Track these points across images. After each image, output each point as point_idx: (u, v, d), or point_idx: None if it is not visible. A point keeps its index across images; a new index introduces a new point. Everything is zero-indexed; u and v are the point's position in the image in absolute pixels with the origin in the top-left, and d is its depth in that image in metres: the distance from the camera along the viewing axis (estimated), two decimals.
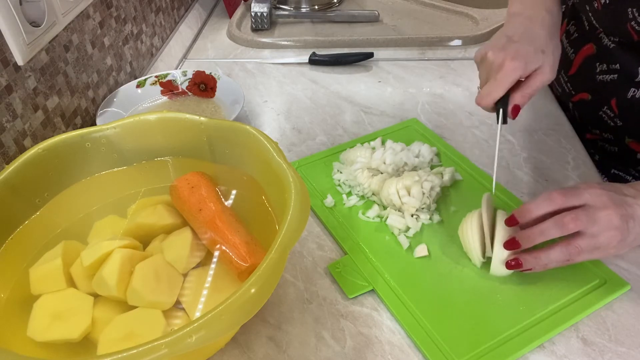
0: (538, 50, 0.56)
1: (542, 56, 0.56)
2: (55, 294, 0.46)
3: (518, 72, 0.55)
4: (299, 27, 1.09)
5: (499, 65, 0.56)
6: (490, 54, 0.57)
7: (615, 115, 0.70)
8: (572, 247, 0.48)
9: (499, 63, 0.56)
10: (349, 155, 0.68)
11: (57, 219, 0.53)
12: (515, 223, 0.51)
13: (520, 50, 0.56)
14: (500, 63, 0.55)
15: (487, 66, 0.58)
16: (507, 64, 0.55)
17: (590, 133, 0.77)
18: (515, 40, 0.57)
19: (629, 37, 0.62)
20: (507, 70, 0.55)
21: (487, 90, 0.57)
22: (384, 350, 0.48)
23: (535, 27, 0.59)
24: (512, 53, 0.55)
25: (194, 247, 0.50)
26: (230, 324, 0.37)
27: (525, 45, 0.56)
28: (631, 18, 0.60)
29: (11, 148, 0.59)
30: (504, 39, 0.58)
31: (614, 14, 0.63)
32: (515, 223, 0.51)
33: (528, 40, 0.57)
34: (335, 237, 0.59)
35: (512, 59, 0.55)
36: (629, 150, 0.73)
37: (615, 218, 0.47)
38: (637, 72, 0.65)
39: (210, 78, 0.83)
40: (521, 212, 0.51)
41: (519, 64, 0.55)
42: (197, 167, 0.57)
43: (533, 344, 0.47)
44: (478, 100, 0.58)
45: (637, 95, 0.66)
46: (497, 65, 0.56)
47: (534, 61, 0.56)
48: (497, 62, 0.56)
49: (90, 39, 0.74)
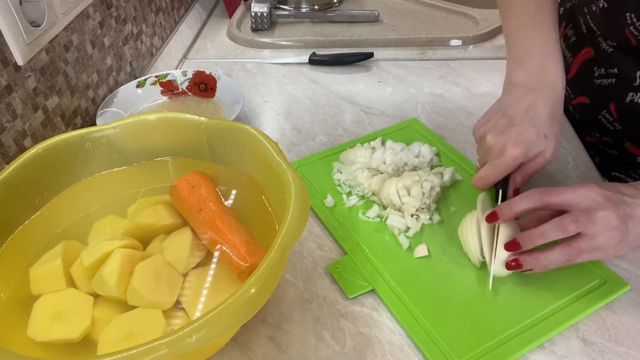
0: (540, 135, 0.55)
1: (544, 141, 0.55)
2: (55, 294, 0.46)
3: (519, 160, 0.54)
4: (299, 27, 1.09)
5: (500, 151, 0.54)
6: (490, 138, 0.56)
7: (614, 119, 0.70)
8: (572, 248, 0.48)
9: (499, 149, 0.54)
10: (349, 155, 0.68)
11: (57, 219, 0.53)
12: (496, 219, 0.51)
13: (522, 136, 0.54)
14: (500, 149, 0.54)
15: (486, 148, 0.57)
16: (508, 152, 0.53)
17: (590, 135, 0.77)
18: (516, 123, 0.55)
19: (628, 42, 0.62)
20: (508, 159, 0.54)
21: (485, 174, 0.56)
22: (384, 350, 0.48)
23: (538, 105, 0.56)
24: (514, 139, 0.54)
25: (194, 247, 0.50)
26: (230, 324, 0.37)
27: (527, 129, 0.54)
28: (629, 23, 0.60)
29: (11, 148, 0.59)
30: (505, 120, 0.56)
31: (613, 19, 0.63)
32: (496, 219, 0.51)
33: (530, 123, 0.55)
34: (335, 237, 0.59)
35: (513, 146, 0.53)
36: (628, 153, 0.72)
37: (614, 218, 0.47)
38: (635, 76, 0.65)
39: (210, 78, 0.83)
40: (501, 209, 0.51)
41: (520, 152, 0.54)
42: (197, 167, 0.57)
43: (533, 344, 0.47)
44: (475, 182, 0.58)
45: (635, 100, 0.66)
46: (497, 152, 0.54)
47: (535, 147, 0.54)
48: (497, 147, 0.55)
49: (90, 39, 0.74)
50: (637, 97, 0.66)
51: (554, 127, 0.56)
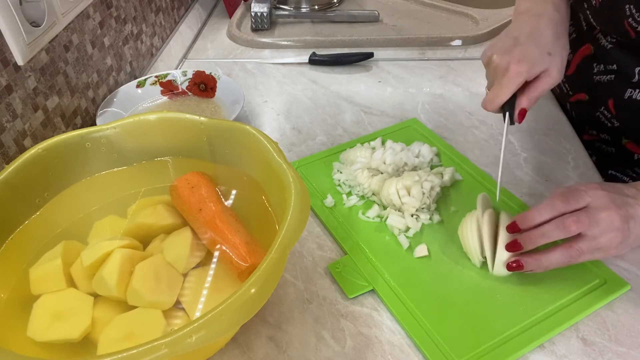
0: (544, 53, 0.55)
1: (549, 58, 0.55)
2: (55, 294, 0.46)
3: (523, 77, 0.54)
4: (299, 27, 1.09)
5: (504, 70, 0.55)
6: (496, 57, 0.56)
7: (613, 115, 0.70)
8: (574, 249, 0.48)
9: (504, 67, 0.55)
10: (349, 155, 0.68)
11: (57, 219, 0.53)
12: (517, 230, 0.51)
13: (526, 53, 0.55)
14: (506, 67, 0.55)
15: (492, 69, 0.57)
16: (512, 68, 0.54)
17: (588, 134, 0.77)
18: (521, 42, 0.56)
19: (626, 34, 0.62)
20: (511, 75, 0.54)
21: (492, 95, 0.56)
22: (384, 350, 0.48)
23: (542, 26, 0.58)
24: (518, 56, 0.54)
25: (194, 247, 0.50)
26: (230, 324, 0.37)
27: (530, 48, 0.55)
28: (628, 15, 0.60)
29: (11, 148, 0.59)
30: (510, 40, 0.57)
31: (611, 11, 0.63)
32: (517, 230, 0.51)
33: (534, 42, 0.56)
34: (335, 237, 0.59)
35: (517, 63, 0.54)
36: (625, 151, 0.72)
37: (616, 219, 0.47)
38: (633, 72, 0.65)
39: (210, 78, 0.83)
40: (523, 220, 0.50)
41: (523, 68, 0.54)
42: (197, 167, 0.57)
43: (533, 344, 0.47)
44: (484, 104, 0.58)
45: (634, 96, 0.66)
46: (502, 69, 0.55)
47: (539, 64, 0.55)
48: (502, 65, 0.55)
49: (90, 39, 0.74)
50: (636, 94, 0.66)
51: (558, 45, 0.57)
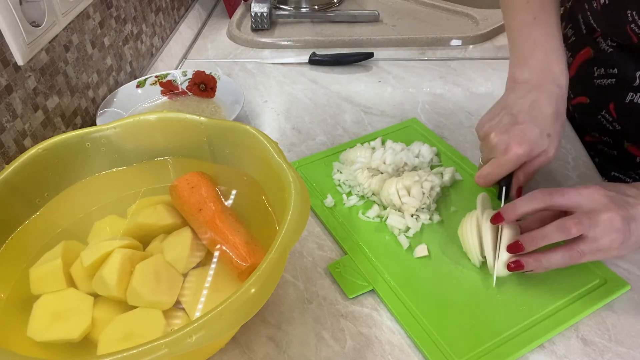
0: (544, 134, 0.55)
1: (548, 140, 0.55)
2: (55, 294, 0.46)
3: (523, 160, 0.55)
4: (299, 27, 1.09)
5: (504, 150, 0.54)
6: (494, 136, 0.56)
7: (614, 119, 0.70)
8: (574, 251, 0.48)
9: (504, 147, 0.54)
10: (349, 155, 0.68)
11: (57, 219, 0.53)
12: (500, 220, 0.51)
13: (526, 135, 0.54)
14: (505, 147, 0.54)
15: (490, 147, 0.57)
16: (512, 151, 0.54)
17: (590, 135, 0.77)
18: (520, 121, 0.55)
19: (629, 39, 0.62)
20: (512, 158, 0.54)
21: (488, 172, 0.56)
22: (384, 350, 0.48)
23: (543, 103, 0.56)
24: (518, 138, 0.54)
25: (194, 247, 0.50)
26: (230, 324, 0.37)
27: (531, 128, 0.54)
28: (630, 20, 0.60)
29: (11, 148, 0.59)
30: (508, 117, 0.56)
31: (613, 16, 0.62)
32: (500, 220, 0.51)
33: (534, 122, 0.55)
34: (335, 237, 0.59)
35: (517, 145, 0.54)
36: (628, 154, 0.72)
37: (617, 220, 0.47)
38: (635, 76, 0.65)
39: (210, 78, 0.83)
40: (506, 210, 0.51)
41: (524, 152, 0.54)
42: (197, 167, 0.57)
43: (533, 344, 0.47)
44: (478, 180, 0.58)
45: (635, 100, 0.66)
46: (502, 150, 0.55)
47: (538, 145, 0.55)
48: (501, 145, 0.55)
49: (90, 39, 0.74)
50: (637, 97, 0.66)
51: (557, 125, 0.57)
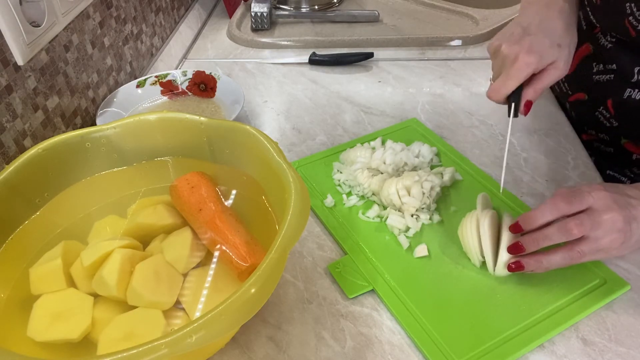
0: (554, 44, 0.55)
1: (558, 50, 0.55)
2: (55, 294, 0.46)
3: (532, 67, 0.54)
4: (299, 27, 1.09)
5: (513, 60, 0.54)
6: (505, 47, 0.56)
7: (611, 115, 0.70)
8: (575, 252, 0.48)
9: (513, 57, 0.54)
10: (349, 155, 0.68)
11: (57, 219, 0.53)
12: (519, 230, 0.51)
13: (535, 44, 0.54)
14: (515, 57, 0.54)
15: (500, 59, 0.56)
16: (521, 59, 0.54)
17: (586, 134, 0.77)
18: (531, 32, 0.56)
19: (627, 33, 0.62)
20: (520, 65, 0.54)
21: (499, 84, 0.55)
22: (384, 350, 0.48)
23: (552, 17, 0.57)
24: (527, 47, 0.54)
25: (194, 247, 0.50)
26: (230, 324, 0.37)
27: (540, 38, 0.55)
28: (629, 13, 0.60)
29: (11, 148, 0.59)
30: (519, 30, 0.56)
31: (612, 9, 0.63)
32: (519, 230, 0.51)
33: (544, 33, 0.55)
34: (335, 237, 0.59)
35: (526, 53, 0.54)
36: (624, 151, 0.72)
37: (619, 220, 0.47)
38: (633, 72, 0.65)
39: (210, 78, 0.83)
40: (526, 220, 0.50)
41: (533, 59, 0.53)
42: (197, 167, 0.57)
43: (533, 344, 0.47)
44: (489, 93, 0.57)
45: (633, 96, 0.66)
46: (511, 59, 0.54)
47: (548, 55, 0.54)
48: (511, 55, 0.55)
49: (90, 39, 0.74)
50: (635, 94, 0.66)
51: (568, 37, 0.57)
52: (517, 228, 0.51)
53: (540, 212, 0.49)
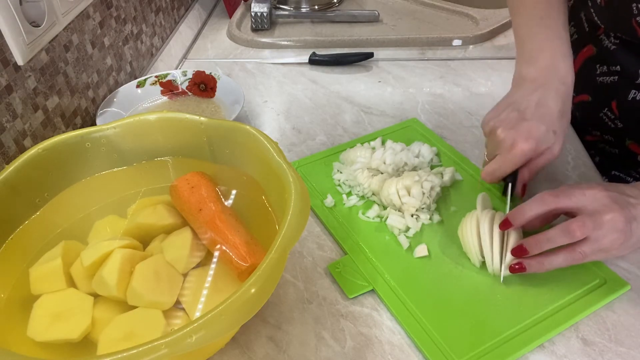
0: (549, 131, 0.55)
1: (553, 136, 0.55)
2: (55, 294, 0.46)
3: (529, 155, 0.55)
4: (299, 27, 1.09)
5: (510, 146, 0.55)
6: (500, 132, 0.56)
7: (616, 117, 0.70)
8: (577, 252, 0.48)
9: (510, 143, 0.55)
10: (349, 155, 0.68)
11: (57, 219, 0.53)
12: (509, 226, 0.51)
13: (533, 131, 0.54)
14: (512, 144, 0.54)
15: (496, 142, 0.57)
16: (518, 146, 0.54)
17: (591, 135, 0.77)
18: (527, 117, 0.55)
19: (634, 33, 0.62)
20: (518, 153, 0.54)
21: (494, 168, 0.56)
22: (384, 350, 0.48)
23: (549, 100, 0.57)
24: (525, 134, 0.54)
25: (194, 247, 0.50)
26: (230, 324, 0.37)
27: (537, 125, 0.55)
28: (636, 14, 0.60)
29: (11, 148, 0.59)
30: (515, 113, 0.56)
31: (618, 10, 0.62)
32: (509, 226, 0.51)
33: (540, 119, 0.55)
34: (335, 237, 0.59)
35: (524, 141, 0.54)
36: (629, 152, 0.72)
37: (620, 220, 0.47)
38: (637, 73, 0.65)
39: (210, 78, 0.83)
40: (514, 215, 0.51)
41: (530, 148, 0.54)
42: (197, 167, 0.57)
43: (533, 344, 0.47)
44: (483, 176, 0.58)
45: (637, 97, 0.66)
46: (508, 145, 0.55)
47: (544, 142, 0.55)
48: (507, 141, 0.55)
49: (90, 39, 0.74)
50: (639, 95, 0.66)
51: (563, 123, 0.57)
52: (506, 224, 0.51)
53: (528, 206, 0.50)
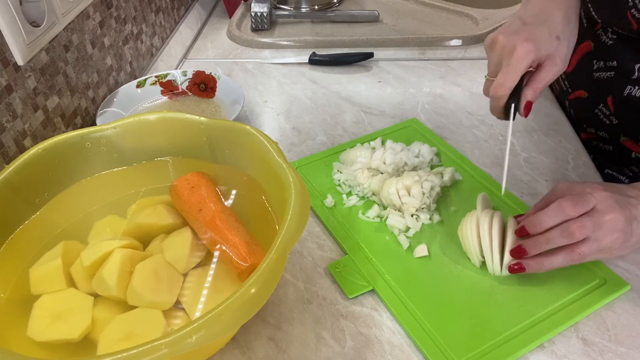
0: (552, 35, 0.53)
1: (556, 42, 0.53)
2: (55, 294, 0.46)
3: (531, 56, 0.52)
4: (299, 27, 1.09)
5: (511, 50, 0.52)
6: (502, 38, 0.54)
7: (611, 113, 0.70)
8: (576, 253, 0.48)
9: (511, 47, 0.52)
10: (349, 155, 0.68)
11: (57, 219, 0.53)
12: (525, 233, 0.50)
13: (533, 33, 0.52)
14: (512, 47, 0.52)
15: (497, 51, 0.54)
16: (519, 47, 0.52)
17: (585, 132, 0.77)
18: (529, 22, 0.54)
19: (629, 26, 0.62)
20: (519, 54, 0.52)
21: (501, 79, 0.53)
22: (384, 350, 0.48)
23: (552, 7, 0.55)
24: (525, 35, 0.52)
25: (194, 247, 0.50)
26: (230, 324, 0.37)
27: (539, 28, 0.53)
28: (631, 5, 0.59)
29: (11, 148, 0.59)
30: (517, 22, 0.55)
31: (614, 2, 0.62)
32: (525, 233, 0.50)
33: (542, 23, 0.54)
34: (335, 237, 0.59)
35: (524, 41, 0.52)
36: (623, 149, 0.72)
37: (621, 220, 0.47)
38: (634, 69, 0.65)
39: (210, 78, 0.83)
40: (532, 224, 0.50)
41: (531, 47, 0.52)
42: (197, 167, 0.57)
43: (533, 344, 0.47)
44: (492, 91, 0.54)
45: (633, 93, 0.66)
46: (509, 50, 0.53)
47: (547, 46, 0.53)
48: (508, 46, 0.53)
49: (90, 39, 0.74)
50: (635, 91, 0.66)
51: (567, 29, 0.55)
52: (523, 232, 0.50)
53: (547, 216, 0.49)
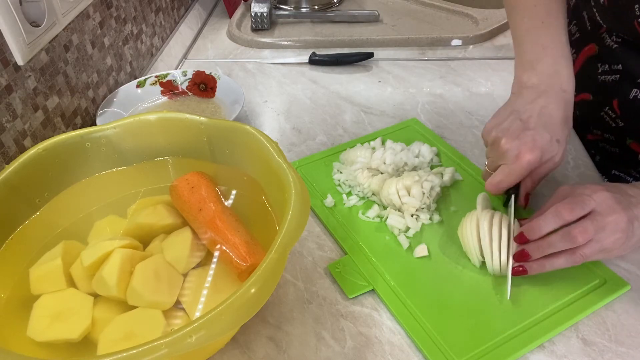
0: (553, 140, 0.54)
1: (557, 145, 0.55)
2: (55, 294, 0.46)
3: (534, 166, 0.54)
4: (299, 27, 1.09)
5: (515, 157, 0.54)
6: (505, 142, 0.55)
7: (617, 116, 0.70)
8: (578, 255, 0.48)
9: (515, 153, 0.54)
10: (349, 155, 0.68)
11: (57, 219, 0.53)
12: (525, 240, 0.51)
13: (537, 141, 0.53)
14: (517, 154, 0.53)
15: (499, 152, 0.56)
16: (523, 157, 0.53)
17: (592, 134, 0.77)
18: (531, 127, 0.55)
19: (635, 34, 0.62)
20: (524, 164, 0.53)
21: (499, 179, 0.55)
22: (384, 350, 0.48)
23: (551, 108, 0.56)
24: (529, 144, 0.53)
25: (194, 247, 0.50)
26: (230, 324, 0.37)
27: (541, 134, 0.54)
28: (638, 15, 0.59)
29: (11, 148, 0.59)
30: (518, 123, 0.55)
31: (621, 10, 0.62)
32: (525, 240, 0.51)
33: (544, 128, 0.55)
34: (335, 237, 0.59)
35: (529, 151, 0.53)
36: (630, 151, 0.72)
37: (623, 221, 0.47)
38: (639, 72, 0.65)
39: (210, 78, 0.83)
40: (531, 230, 0.50)
41: (535, 158, 0.53)
42: (197, 167, 0.57)
43: (533, 344, 0.47)
44: (488, 188, 0.56)
45: (639, 96, 0.66)
46: (513, 156, 0.54)
47: (549, 151, 0.54)
48: (512, 151, 0.54)
49: (90, 39, 0.74)
50: None
51: (566, 131, 0.56)
52: (522, 238, 0.51)
53: (544, 222, 0.49)
